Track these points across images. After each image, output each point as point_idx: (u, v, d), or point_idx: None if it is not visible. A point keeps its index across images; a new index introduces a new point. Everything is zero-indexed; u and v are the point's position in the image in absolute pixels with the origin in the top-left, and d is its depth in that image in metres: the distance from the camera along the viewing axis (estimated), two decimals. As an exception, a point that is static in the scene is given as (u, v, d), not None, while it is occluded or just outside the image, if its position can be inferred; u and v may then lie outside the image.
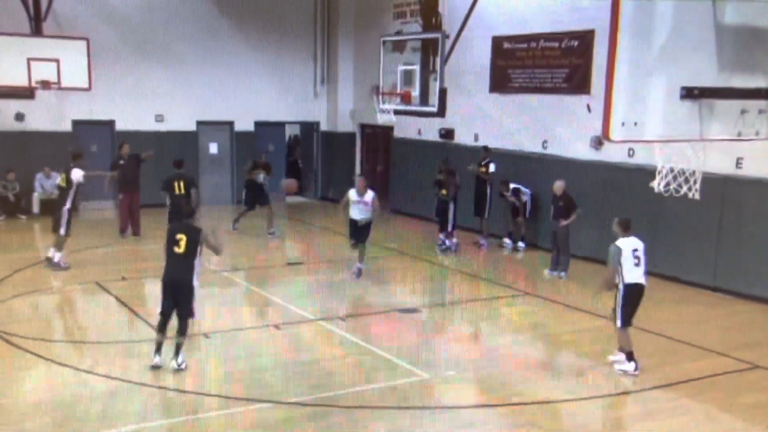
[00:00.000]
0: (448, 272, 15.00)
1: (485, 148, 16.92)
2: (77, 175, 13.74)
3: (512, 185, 16.19)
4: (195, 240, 9.14)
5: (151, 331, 10.28)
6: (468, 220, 16.93)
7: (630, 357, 9.40)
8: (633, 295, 9.20)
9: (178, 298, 9.15)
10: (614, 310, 9.38)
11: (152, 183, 16.58)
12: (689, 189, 9.02)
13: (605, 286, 9.44)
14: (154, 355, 9.17)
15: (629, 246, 9.23)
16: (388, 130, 20.82)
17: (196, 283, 9.17)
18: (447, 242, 16.17)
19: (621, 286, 9.20)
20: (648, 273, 9.52)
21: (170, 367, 9.02)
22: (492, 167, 16.49)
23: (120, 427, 7.60)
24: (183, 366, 9.08)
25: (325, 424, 7.90)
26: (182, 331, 9.21)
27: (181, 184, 15.17)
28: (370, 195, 13.43)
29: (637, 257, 9.20)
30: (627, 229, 9.39)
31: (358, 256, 13.74)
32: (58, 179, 14.37)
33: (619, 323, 9.30)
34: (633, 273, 9.18)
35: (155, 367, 9.04)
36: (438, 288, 13.89)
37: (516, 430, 8.07)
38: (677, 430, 8.08)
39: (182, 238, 9.13)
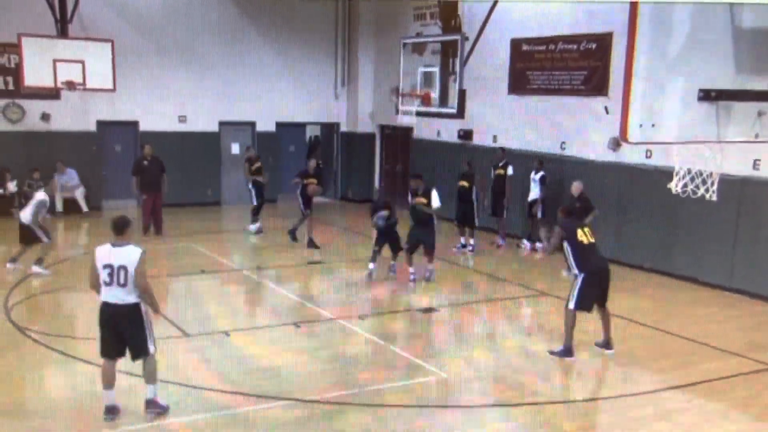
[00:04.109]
0: (466, 272, 15.08)
1: (502, 150, 16.96)
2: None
3: (542, 172, 16.14)
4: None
5: (171, 327, 10.43)
6: (486, 220, 16.98)
7: None
8: None
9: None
10: None
11: (172, 184, 16.95)
12: (706, 190, 9.05)
13: None
14: None
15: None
16: (408, 131, 20.94)
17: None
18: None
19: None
20: (668, 273, 9.52)
21: None
22: (510, 170, 16.49)
23: (139, 424, 7.69)
24: None
25: (343, 423, 7.97)
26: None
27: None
28: None
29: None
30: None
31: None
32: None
33: None
34: None
35: None
36: (456, 288, 13.96)
37: (532, 430, 8.13)
38: (693, 431, 8.11)
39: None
